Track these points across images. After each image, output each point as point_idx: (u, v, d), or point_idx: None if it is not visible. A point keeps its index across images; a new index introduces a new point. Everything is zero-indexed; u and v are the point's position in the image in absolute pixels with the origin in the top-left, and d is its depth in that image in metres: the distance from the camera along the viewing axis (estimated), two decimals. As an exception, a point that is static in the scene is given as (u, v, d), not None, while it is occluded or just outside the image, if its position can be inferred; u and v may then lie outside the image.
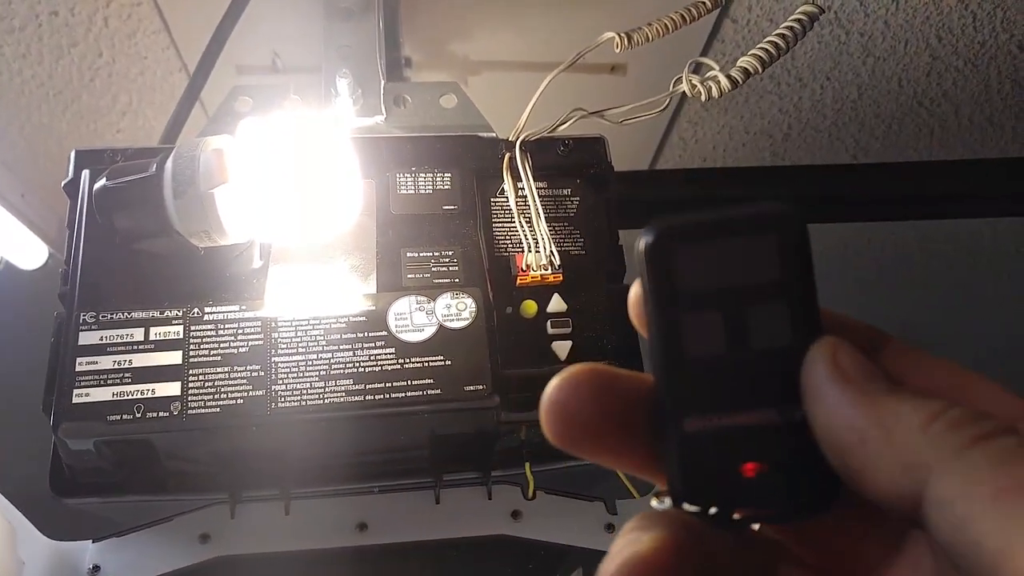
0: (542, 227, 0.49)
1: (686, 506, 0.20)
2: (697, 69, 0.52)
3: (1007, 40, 0.86)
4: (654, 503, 0.20)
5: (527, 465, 0.48)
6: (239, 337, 0.43)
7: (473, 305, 0.46)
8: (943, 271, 1.24)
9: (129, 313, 0.43)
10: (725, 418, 0.19)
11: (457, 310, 0.46)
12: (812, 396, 0.19)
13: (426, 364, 0.44)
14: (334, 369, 0.43)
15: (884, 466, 0.17)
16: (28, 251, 0.92)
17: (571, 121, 0.52)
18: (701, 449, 0.20)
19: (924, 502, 0.16)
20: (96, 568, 0.45)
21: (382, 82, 0.53)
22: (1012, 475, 0.15)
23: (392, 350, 0.44)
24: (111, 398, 0.41)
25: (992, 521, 0.15)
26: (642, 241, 0.20)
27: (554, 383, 0.20)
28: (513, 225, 0.51)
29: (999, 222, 1.13)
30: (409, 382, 0.44)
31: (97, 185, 0.42)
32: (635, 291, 0.21)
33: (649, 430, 0.20)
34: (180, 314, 0.44)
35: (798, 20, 0.54)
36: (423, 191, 0.50)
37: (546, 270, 0.49)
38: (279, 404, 0.42)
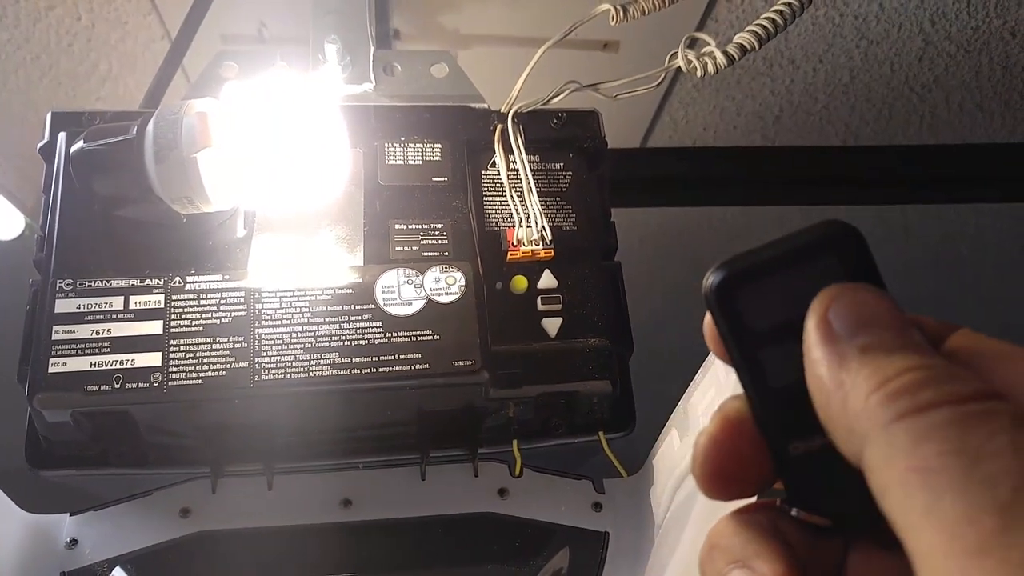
0: (534, 202, 0.48)
1: (806, 516, 0.20)
2: (692, 44, 0.51)
3: (1000, 26, 0.85)
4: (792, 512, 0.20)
5: (515, 442, 0.47)
6: (222, 307, 0.42)
7: (463, 279, 0.45)
8: (928, 257, 1.25)
9: (108, 281, 0.42)
10: (825, 437, 0.19)
11: (447, 284, 0.45)
12: (804, 351, 0.19)
13: (414, 338, 0.43)
14: (319, 342, 0.42)
15: (836, 429, 0.18)
16: (4, 221, 0.90)
17: (565, 93, 0.51)
18: (810, 467, 0.20)
19: (863, 467, 0.17)
20: (74, 542, 0.44)
21: (372, 49, 0.52)
22: (921, 455, 0.15)
23: (379, 323, 0.43)
24: (89, 368, 0.40)
25: (898, 499, 0.16)
26: (708, 287, 0.20)
27: (699, 455, 0.20)
28: (504, 199, 0.50)
29: (987, 207, 1.14)
30: (397, 356, 0.43)
31: (75, 147, 0.40)
32: (709, 324, 0.21)
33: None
34: (161, 283, 0.42)
35: (796, -4, 0.53)
36: (412, 162, 0.49)
37: (537, 246, 0.48)
38: (263, 376, 0.41)
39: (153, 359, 0.41)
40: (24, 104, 0.83)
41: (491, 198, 0.50)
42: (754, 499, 0.21)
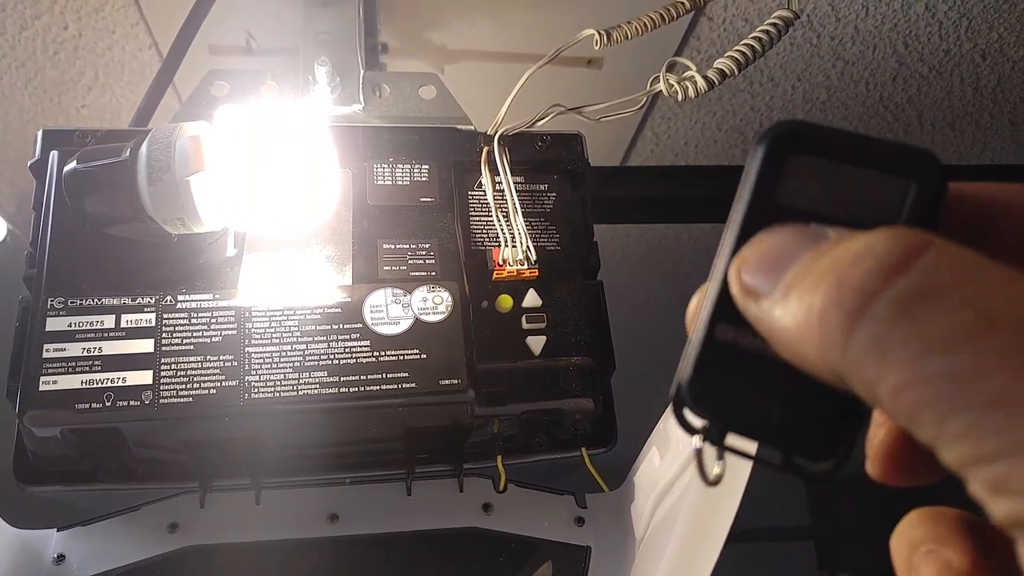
0: (519, 222, 0.49)
1: (684, 411, 0.19)
2: (673, 68, 0.52)
3: (971, 49, 0.88)
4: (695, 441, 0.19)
5: (499, 458, 0.48)
6: (212, 326, 0.43)
7: (449, 299, 0.46)
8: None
9: (99, 299, 0.42)
10: (755, 342, 0.18)
11: (433, 303, 0.46)
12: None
13: (401, 357, 0.44)
14: (308, 360, 0.43)
15: (816, 371, 0.16)
16: (-15, 227, 0.90)
17: (549, 117, 0.52)
18: (720, 361, 0.19)
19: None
20: (61, 557, 0.44)
21: (361, 71, 0.53)
22: (891, 376, 0.14)
23: (367, 343, 0.44)
24: (80, 386, 0.40)
25: (898, 415, 0.14)
26: (770, 134, 0.18)
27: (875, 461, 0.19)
28: (490, 219, 0.51)
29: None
30: (384, 375, 0.44)
31: (67, 168, 0.41)
32: (695, 303, 0.19)
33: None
34: (152, 301, 0.43)
35: (774, 24, 0.55)
36: (400, 182, 0.50)
37: (522, 265, 0.49)
38: (252, 395, 0.42)
39: (144, 377, 0.41)
40: (8, 110, 0.83)
41: (477, 218, 0.51)
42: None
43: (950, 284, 0.14)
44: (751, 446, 0.19)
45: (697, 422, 0.19)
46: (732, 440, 0.19)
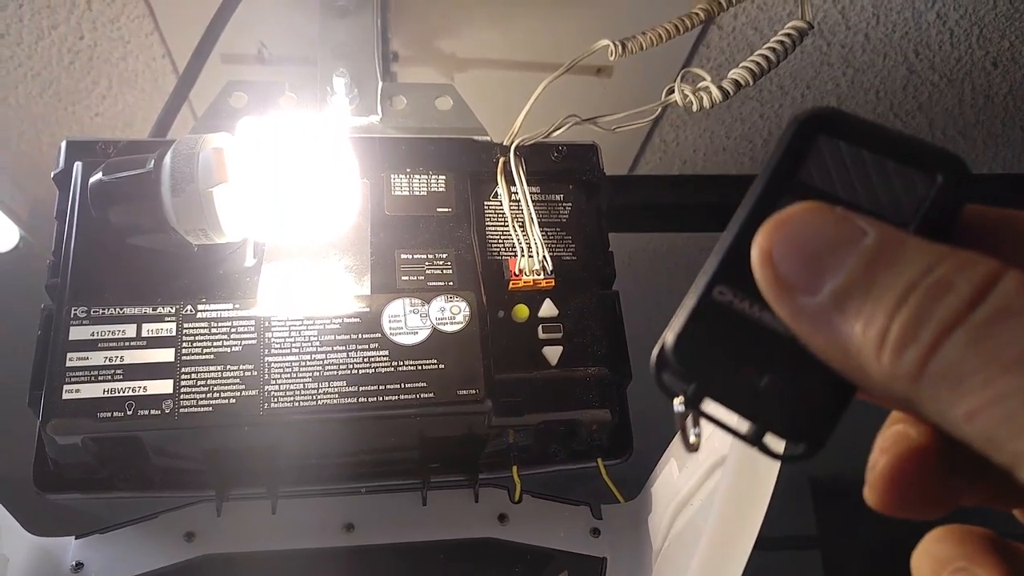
0: (535, 232, 0.50)
1: (662, 374, 0.19)
2: (687, 78, 0.52)
3: (983, 57, 0.88)
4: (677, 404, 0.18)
5: (514, 468, 0.48)
6: (232, 336, 0.43)
7: (467, 309, 0.46)
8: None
9: (121, 309, 0.43)
10: (753, 307, 0.18)
11: (451, 313, 0.46)
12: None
13: (419, 367, 0.44)
14: (327, 370, 0.43)
15: (872, 389, 0.16)
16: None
17: (565, 127, 0.52)
18: (712, 323, 0.18)
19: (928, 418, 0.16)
20: (79, 565, 0.45)
21: (379, 82, 0.53)
22: (967, 400, 0.14)
23: (386, 352, 0.44)
24: (102, 395, 0.41)
25: (974, 439, 0.15)
26: (804, 114, 0.18)
27: (879, 479, 0.19)
28: (506, 229, 0.51)
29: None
30: (402, 385, 0.44)
31: (93, 179, 0.41)
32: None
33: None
34: (173, 311, 0.43)
35: (788, 35, 0.55)
36: (417, 193, 0.50)
37: (538, 275, 0.49)
38: (272, 404, 0.42)
39: (165, 386, 0.41)
40: (23, 119, 0.83)
41: (494, 228, 0.51)
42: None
43: (1022, 309, 0.15)
44: (727, 416, 0.18)
45: (676, 386, 0.19)
46: (709, 408, 0.18)
